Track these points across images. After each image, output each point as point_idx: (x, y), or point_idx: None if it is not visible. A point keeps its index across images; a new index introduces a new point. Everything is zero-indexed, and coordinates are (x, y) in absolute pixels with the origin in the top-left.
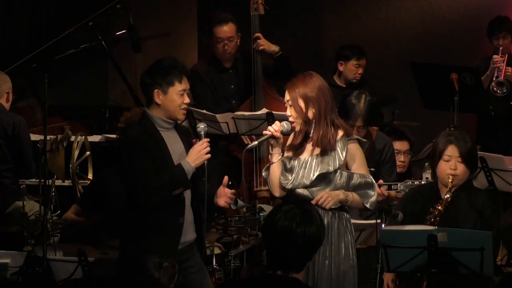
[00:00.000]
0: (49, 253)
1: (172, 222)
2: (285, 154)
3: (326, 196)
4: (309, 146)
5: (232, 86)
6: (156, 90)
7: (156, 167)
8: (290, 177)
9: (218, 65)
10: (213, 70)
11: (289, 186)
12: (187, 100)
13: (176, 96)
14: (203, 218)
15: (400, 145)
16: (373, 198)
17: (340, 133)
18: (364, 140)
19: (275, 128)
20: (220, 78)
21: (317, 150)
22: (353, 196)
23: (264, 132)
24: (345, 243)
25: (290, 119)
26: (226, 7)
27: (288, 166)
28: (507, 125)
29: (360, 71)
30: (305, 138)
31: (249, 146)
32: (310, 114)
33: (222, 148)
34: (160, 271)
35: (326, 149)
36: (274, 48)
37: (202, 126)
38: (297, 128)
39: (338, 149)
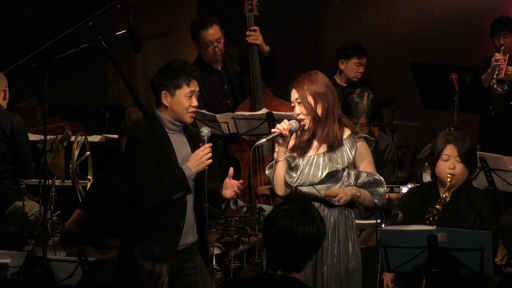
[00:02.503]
0: (49, 253)
1: (172, 225)
2: (289, 154)
3: (339, 193)
4: (315, 144)
5: (226, 87)
6: (163, 92)
7: (160, 168)
8: (295, 175)
9: (208, 69)
10: (203, 74)
11: (294, 184)
12: (195, 103)
13: (183, 99)
14: (205, 220)
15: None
16: (382, 195)
17: (347, 131)
18: (371, 138)
19: (284, 126)
20: (212, 81)
21: (324, 148)
22: (364, 193)
23: (273, 130)
24: (352, 241)
25: (300, 116)
26: (225, 7)
27: (293, 165)
28: (507, 125)
29: (361, 69)
30: (311, 136)
31: (257, 143)
32: (319, 110)
33: (220, 149)
34: (151, 262)
35: (333, 145)
36: (265, 47)
37: (206, 131)
38: (306, 125)
39: (347, 147)
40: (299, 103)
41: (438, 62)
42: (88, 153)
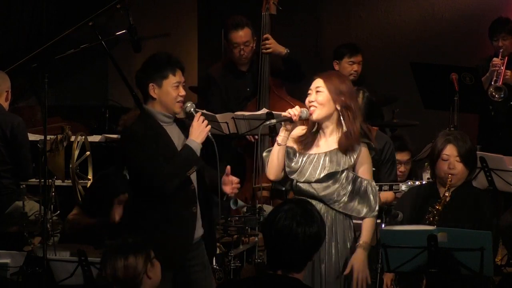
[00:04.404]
0: (49, 253)
1: (186, 211)
2: (290, 144)
3: (361, 277)
4: (319, 142)
5: (248, 89)
6: (151, 84)
7: (164, 157)
8: (294, 166)
9: (234, 69)
10: (229, 75)
11: (291, 176)
12: (182, 92)
13: (171, 89)
14: (213, 211)
15: (401, 156)
16: (375, 205)
17: None
18: (374, 146)
19: (295, 112)
20: (236, 82)
21: (327, 147)
22: (369, 238)
23: (283, 113)
24: (350, 240)
25: (313, 104)
26: (226, 7)
27: (291, 156)
28: (507, 125)
29: (355, 68)
30: (316, 134)
31: (266, 123)
32: (338, 106)
33: (232, 149)
34: (123, 255)
35: (347, 148)
36: (281, 49)
37: (189, 104)
38: (314, 116)
39: (352, 150)
40: (317, 92)
41: (438, 62)
42: (88, 153)
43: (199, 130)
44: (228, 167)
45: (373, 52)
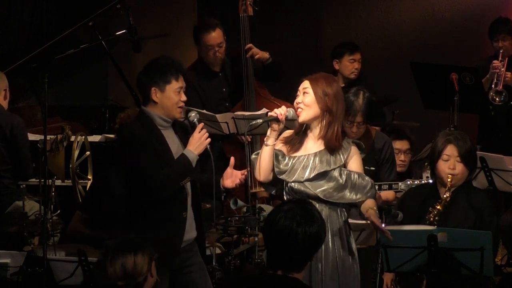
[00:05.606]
0: (49, 253)
1: (176, 217)
2: (279, 147)
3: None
4: (307, 144)
5: (224, 90)
6: (153, 88)
7: (161, 162)
8: (283, 168)
9: (207, 71)
10: (203, 77)
11: (280, 176)
12: (183, 97)
13: (173, 94)
14: (211, 212)
15: (400, 145)
16: (369, 187)
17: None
18: (363, 146)
19: (281, 111)
20: (212, 84)
21: (316, 148)
22: (374, 205)
23: (270, 113)
24: (346, 237)
25: (300, 105)
26: (225, 7)
27: (280, 158)
28: (507, 125)
29: (356, 66)
30: (304, 136)
31: (252, 123)
32: (323, 107)
33: (215, 151)
34: (133, 252)
35: (333, 148)
36: (266, 55)
37: (194, 114)
38: (301, 117)
39: (341, 150)
40: (305, 93)
41: (438, 62)
42: (88, 153)
43: (199, 142)
44: (232, 158)
45: (373, 52)
